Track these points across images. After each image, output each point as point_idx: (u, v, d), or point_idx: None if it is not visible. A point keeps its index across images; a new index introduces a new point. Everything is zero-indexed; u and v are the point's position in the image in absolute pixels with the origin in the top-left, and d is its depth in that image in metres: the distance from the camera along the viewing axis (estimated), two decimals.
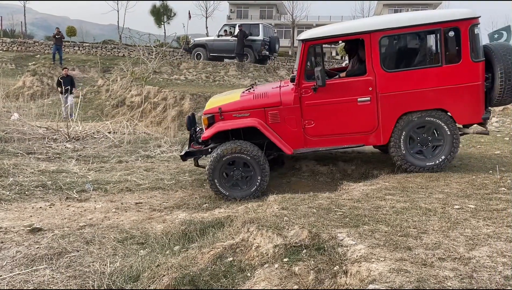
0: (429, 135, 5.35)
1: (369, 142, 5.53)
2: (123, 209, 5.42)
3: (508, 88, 5.21)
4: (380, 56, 5.25)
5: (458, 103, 5.24)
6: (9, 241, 4.04)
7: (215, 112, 5.69)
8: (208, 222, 4.33)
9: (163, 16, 36.93)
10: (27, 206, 5.38)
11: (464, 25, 5.14)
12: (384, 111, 5.31)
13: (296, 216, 3.51)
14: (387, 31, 5.28)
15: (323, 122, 5.46)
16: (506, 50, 5.30)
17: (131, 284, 3.21)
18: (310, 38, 5.41)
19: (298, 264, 2.85)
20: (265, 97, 5.68)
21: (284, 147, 5.50)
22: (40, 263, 3.59)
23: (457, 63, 5.20)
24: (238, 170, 5.57)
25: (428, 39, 5.58)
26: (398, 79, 5.27)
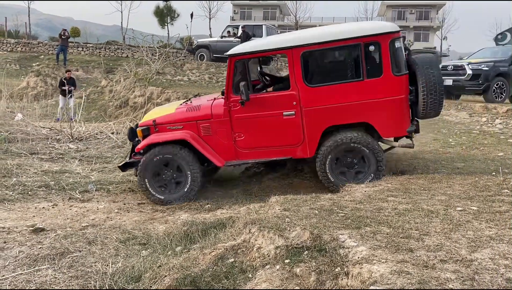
0: (355, 159, 5.40)
1: (297, 155, 5.58)
2: (125, 209, 5.44)
3: (431, 102, 5.21)
4: (302, 71, 5.29)
5: (381, 117, 5.25)
6: (12, 241, 4.05)
7: (150, 125, 5.84)
8: (210, 223, 4.33)
9: (166, 17, 36.96)
10: (30, 206, 5.40)
11: (385, 39, 5.14)
12: (309, 125, 5.37)
13: (298, 217, 3.51)
14: (308, 46, 5.29)
15: (252, 135, 5.55)
16: (429, 63, 5.30)
17: (132, 284, 3.21)
18: (236, 54, 5.51)
19: (299, 266, 2.85)
20: (197, 110, 5.79)
21: (214, 159, 5.62)
22: (43, 263, 3.60)
23: (378, 77, 5.20)
24: (169, 173, 5.70)
25: (349, 54, 5.56)
26: (321, 94, 5.31)
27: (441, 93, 5.21)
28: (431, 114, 5.39)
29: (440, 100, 5.23)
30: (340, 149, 5.32)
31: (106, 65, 20.47)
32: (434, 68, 5.23)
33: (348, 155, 5.39)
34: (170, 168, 5.71)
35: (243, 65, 5.65)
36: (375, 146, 5.30)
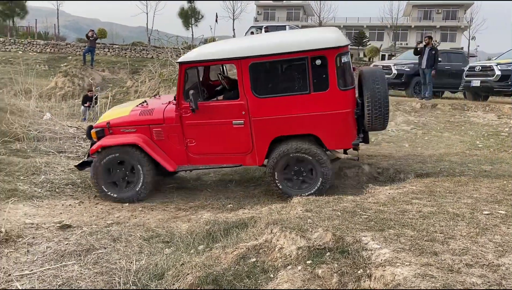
0: (303, 169, 5.44)
1: (246, 163, 5.65)
2: (149, 208, 5.51)
3: (376, 116, 5.25)
4: (250, 81, 5.31)
5: (327, 130, 5.31)
6: (40, 237, 4.17)
7: (104, 127, 5.85)
8: (232, 222, 4.35)
9: (191, 18, 37.39)
10: (57, 203, 5.54)
11: (331, 53, 5.13)
12: (257, 134, 5.42)
13: (320, 219, 3.50)
14: (256, 58, 5.29)
15: (203, 142, 5.60)
16: (375, 77, 5.30)
17: (155, 282, 3.26)
18: (186, 61, 5.51)
19: (321, 267, 2.84)
20: (150, 114, 5.78)
21: (166, 164, 5.65)
22: (69, 259, 3.69)
23: (324, 90, 5.21)
24: (122, 172, 5.74)
25: (297, 67, 5.51)
26: (269, 105, 5.33)
27: (386, 107, 5.26)
28: (377, 128, 5.42)
29: (385, 114, 5.28)
30: (287, 158, 5.38)
31: (132, 66, 20.82)
32: (380, 82, 5.24)
33: (295, 164, 5.45)
34: (122, 167, 5.74)
35: (193, 72, 5.72)
36: (321, 156, 5.33)
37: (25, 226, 4.47)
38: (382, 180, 6.05)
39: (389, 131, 9.49)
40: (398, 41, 46.37)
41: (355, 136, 5.40)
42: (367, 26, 50.89)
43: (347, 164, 6.44)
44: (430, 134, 9.27)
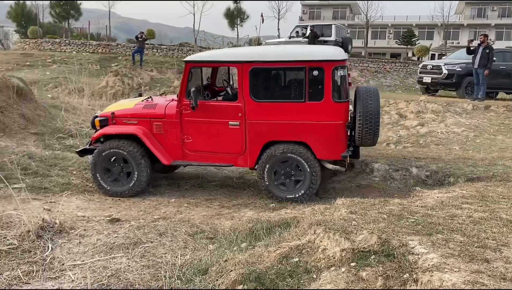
0: (292, 169, 5.60)
1: (238, 164, 5.81)
2: (194, 204, 5.63)
3: (366, 131, 5.40)
4: (249, 85, 5.51)
5: (318, 139, 5.46)
6: (91, 229, 4.35)
7: (108, 116, 6.09)
8: (274, 221, 4.37)
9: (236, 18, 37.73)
10: (107, 198, 5.77)
11: (328, 66, 5.30)
12: (251, 137, 5.61)
13: (365, 221, 3.44)
14: (257, 63, 5.50)
15: (199, 139, 5.80)
16: (369, 94, 5.46)
17: (199, 277, 3.32)
18: (191, 61, 5.76)
19: (365, 270, 2.79)
20: (152, 109, 6.01)
21: (161, 157, 5.85)
22: (118, 251, 3.83)
23: (319, 101, 5.38)
24: (119, 166, 5.88)
25: (295, 75, 5.75)
26: (265, 109, 5.52)
27: (376, 123, 5.38)
28: (367, 143, 5.56)
29: (375, 130, 5.41)
30: (276, 158, 5.56)
31: (179, 66, 21.28)
32: (373, 98, 5.40)
33: (284, 166, 5.61)
34: (120, 161, 5.89)
35: (197, 72, 5.89)
36: (309, 157, 5.48)
37: (77, 219, 4.68)
38: (431, 183, 5.87)
39: (439, 133, 9.17)
40: (449, 40, 44.64)
41: (345, 149, 5.51)
42: (416, 24, 49.33)
43: (394, 166, 6.29)
44: (482, 137, 8.87)
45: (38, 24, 31.98)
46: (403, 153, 7.14)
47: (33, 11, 37.59)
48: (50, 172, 6.42)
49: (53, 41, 26.49)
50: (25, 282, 3.23)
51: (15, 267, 3.42)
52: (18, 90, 10.22)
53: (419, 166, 6.26)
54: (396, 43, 41.57)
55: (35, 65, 21.20)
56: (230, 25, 38.89)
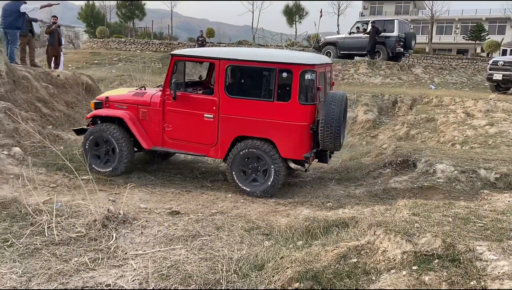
0: (257, 164, 5.89)
1: (210, 155, 6.17)
2: (250, 200, 5.68)
3: (327, 135, 5.59)
4: (225, 81, 5.88)
5: (283, 138, 5.71)
6: (152, 221, 4.50)
7: (103, 100, 6.59)
8: (332, 221, 4.28)
9: (295, 15, 37.54)
10: (167, 191, 5.96)
11: (297, 69, 5.58)
12: (223, 130, 5.95)
13: (429, 224, 3.28)
14: (232, 61, 5.91)
15: (178, 128, 6.18)
16: (334, 99, 5.68)
17: (256, 272, 3.33)
18: (176, 54, 6.22)
19: (428, 274, 2.67)
20: (141, 96, 6.45)
21: (143, 142, 6.26)
22: (177, 243, 3.93)
23: (286, 102, 5.66)
24: (105, 147, 6.36)
25: (266, 75, 5.95)
26: (237, 105, 5.85)
27: (337, 128, 5.55)
28: (329, 146, 5.74)
29: (335, 135, 5.59)
30: (243, 153, 5.85)
31: None
32: (336, 103, 5.61)
33: (251, 161, 5.90)
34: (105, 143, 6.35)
35: (181, 65, 6.28)
36: (274, 154, 5.72)
37: (140, 210, 4.87)
38: (501, 186, 5.50)
39: (510, 133, 8.58)
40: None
41: (308, 150, 5.74)
42: (486, 18, 46.45)
43: (460, 167, 5.96)
44: None
45: (105, 24, 33.65)
46: (470, 154, 6.75)
47: (101, 12, 39.62)
48: None
49: (119, 40, 27.73)
50: (91, 268, 3.40)
51: (82, 254, 3.62)
52: (87, 87, 10.82)
53: (488, 168, 5.88)
54: (464, 39, 39.44)
55: (102, 63, 22.33)
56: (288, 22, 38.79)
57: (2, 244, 3.69)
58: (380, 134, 10.72)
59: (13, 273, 3.27)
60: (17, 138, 6.78)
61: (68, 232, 3.95)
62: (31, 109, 8.30)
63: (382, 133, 10.72)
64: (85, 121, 9.14)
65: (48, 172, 6.12)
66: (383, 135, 10.56)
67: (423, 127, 10.04)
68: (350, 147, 8.96)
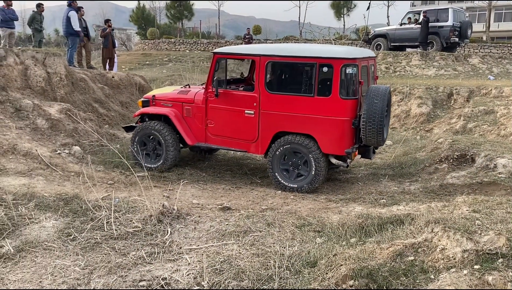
0: (298, 160, 5.87)
1: (251, 150, 6.24)
2: (300, 197, 5.64)
3: (369, 130, 5.48)
4: (265, 77, 5.92)
5: (324, 133, 5.67)
6: (205, 216, 4.59)
7: (150, 98, 6.90)
8: (386, 218, 4.17)
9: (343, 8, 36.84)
10: (218, 187, 6.05)
11: (337, 63, 5.48)
12: (264, 126, 6.00)
13: (491, 221, 3.12)
14: (272, 57, 5.94)
15: (220, 124, 6.32)
16: (376, 93, 5.55)
17: (308, 269, 3.31)
18: (218, 52, 6.31)
19: (492, 274, 2.53)
20: (185, 94, 6.64)
21: (187, 138, 6.47)
22: (229, 239, 3.99)
23: (327, 96, 5.59)
24: (152, 143, 6.60)
25: (306, 71, 5.98)
26: (278, 101, 5.87)
27: (380, 123, 5.44)
28: (371, 142, 5.64)
29: (378, 131, 5.48)
30: (283, 149, 5.85)
31: None
32: (379, 98, 5.48)
33: (292, 157, 5.90)
34: (152, 140, 6.61)
35: (223, 63, 6.37)
36: (314, 149, 5.69)
37: (192, 206, 4.98)
38: None
39: None
40: None
41: (350, 145, 5.64)
42: None
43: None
44: None
45: (155, 26, 34.62)
46: None
47: (151, 14, 40.80)
48: None
49: (169, 41, 28.44)
50: (148, 262, 3.51)
51: (139, 248, 3.75)
52: (140, 87, 11.20)
53: None
54: None
55: (153, 64, 23.00)
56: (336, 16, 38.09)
57: (65, 238, 3.90)
58: (435, 128, 10.30)
59: (76, 265, 3.44)
60: (77, 137, 7.14)
61: (125, 227, 4.11)
62: (89, 109, 8.71)
63: (437, 127, 10.29)
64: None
65: (106, 170, 6.40)
66: (438, 129, 10.14)
67: (482, 120, 9.53)
68: (404, 142, 8.67)
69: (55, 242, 3.82)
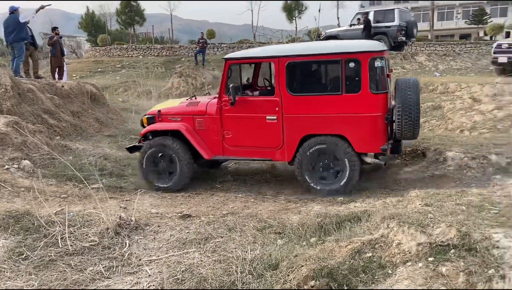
0: (330, 162, 5.55)
1: (276, 158, 5.86)
2: (260, 199, 5.66)
3: (406, 124, 5.21)
4: (286, 79, 5.54)
5: (356, 132, 5.36)
6: (164, 225, 4.50)
7: (155, 114, 6.39)
8: (344, 215, 4.25)
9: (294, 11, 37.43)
10: (178, 195, 5.96)
11: (365, 57, 5.22)
12: (288, 131, 5.62)
13: (442, 213, 3.25)
14: (292, 57, 5.56)
15: (238, 134, 5.90)
16: (408, 85, 5.29)
17: (270, 271, 3.32)
18: (230, 58, 5.92)
19: (445, 265, 2.64)
20: (195, 106, 6.23)
21: (203, 152, 6.04)
22: (190, 247, 3.93)
23: (356, 93, 5.29)
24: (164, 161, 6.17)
25: (331, 68, 5.69)
26: (302, 103, 5.53)
27: (416, 115, 5.19)
28: (407, 136, 5.38)
29: (415, 122, 5.22)
30: (312, 151, 5.53)
31: None
32: (413, 89, 5.24)
33: (321, 158, 5.58)
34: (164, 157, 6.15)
35: (236, 69, 6.09)
36: (346, 148, 5.40)
37: (151, 215, 4.88)
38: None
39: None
40: None
41: (385, 141, 5.38)
42: (487, 1, 46.03)
43: (470, 154, 5.90)
44: None
45: (106, 32, 33.80)
46: (479, 140, 6.68)
47: (101, 20, 39.80)
48: (124, 172, 6.77)
49: (121, 47, 27.84)
50: (107, 277, 3.41)
51: (97, 262, 3.63)
52: (92, 96, 10.86)
53: (499, 153, 5.82)
54: (466, 23, 39.08)
55: (106, 71, 22.45)
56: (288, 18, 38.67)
57: (17, 258, 3.71)
58: None
59: (29, 286, 3.29)
60: (26, 151, 6.82)
61: (81, 241, 3.96)
62: (38, 121, 8.35)
63: None
64: (93, 129, 9.21)
65: (58, 183, 6.15)
66: None
67: (430, 115, 9.96)
68: None
69: (6, 263, 3.62)
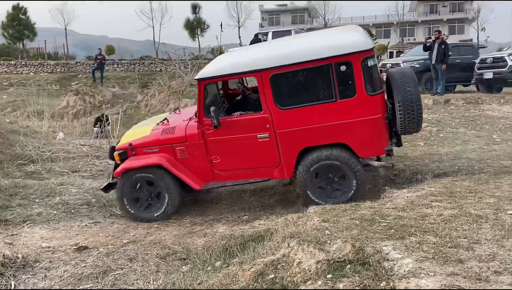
0: (334, 174, 5.24)
1: (274, 176, 5.51)
2: (164, 223, 5.47)
3: (409, 119, 5.02)
4: (273, 93, 5.15)
5: (357, 137, 5.07)
6: (57, 261, 4.14)
7: (127, 148, 5.77)
8: (248, 235, 4.28)
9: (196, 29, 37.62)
10: (73, 225, 5.51)
11: (356, 58, 4.89)
12: (284, 147, 5.25)
13: (338, 229, 3.41)
14: (276, 69, 5.09)
15: (228, 158, 5.45)
16: (405, 78, 5.11)
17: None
18: (205, 78, 5.35)
19: (342, 281, 2.74)
20: (172, 133, 5.68)
21: (192, 182, 5.53)
22: (86, 282, 3.66)
23: (351, 97, 4.99)
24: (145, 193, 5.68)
25: (320, 74, 5.16)
26: (294, 116, 5.15)
27: (419, 108, 5.03)
28: (412, 130, 5.23)
29: (418, 116, 5.05)
30: (316, 167, 5.20)
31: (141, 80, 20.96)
32: (411, 84, 5.05)
33: (326, 173, 5.26)
34: (147, 189, 5.68)
35: (213, 87, 5.64)
36: (352, 161, 5.12)
37: (42, 250, 4.45)
38: (399, 182, 5.92)
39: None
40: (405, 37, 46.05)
41: (388, 142, 5.17)
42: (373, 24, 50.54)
43: None
44: (445, 131, 9.10)
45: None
46: None
47: None
48: (11, 202, 6.11)
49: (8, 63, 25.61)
50: None
51: None
52: None
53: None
54: None
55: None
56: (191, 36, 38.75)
57: None
58: None
59: None
60: None
61: None
62: None
63: None
64: None
65: None
66: None
67: None
68: None
69: None
